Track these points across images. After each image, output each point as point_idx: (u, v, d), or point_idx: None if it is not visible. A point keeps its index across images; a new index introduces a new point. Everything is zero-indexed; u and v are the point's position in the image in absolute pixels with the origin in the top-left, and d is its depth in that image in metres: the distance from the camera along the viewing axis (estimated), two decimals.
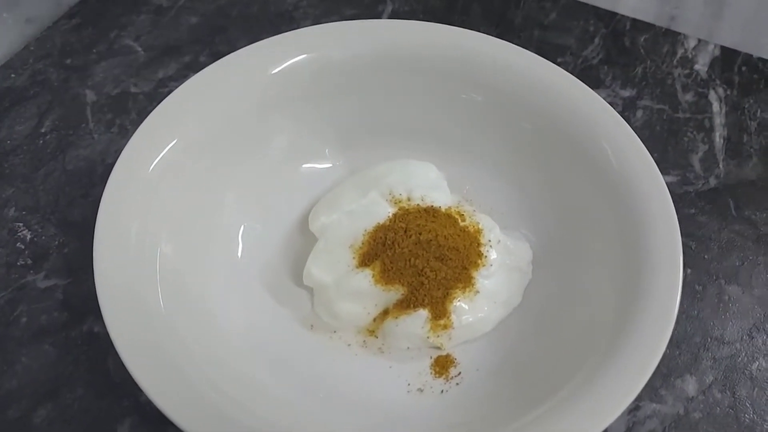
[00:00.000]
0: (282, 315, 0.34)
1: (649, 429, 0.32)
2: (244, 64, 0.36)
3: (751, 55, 0.48)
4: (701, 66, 0.48)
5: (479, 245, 0.34)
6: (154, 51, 0.47)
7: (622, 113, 0.35)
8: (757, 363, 0.35)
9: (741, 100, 0.46)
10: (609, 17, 0.51)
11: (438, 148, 0.39)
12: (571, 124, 0.35)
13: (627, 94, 0.46)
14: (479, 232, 0.35)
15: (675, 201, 0.32)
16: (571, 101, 0.35)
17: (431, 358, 0.33)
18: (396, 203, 0.35)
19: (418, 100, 0.38)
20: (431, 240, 0.33)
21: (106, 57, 0.46)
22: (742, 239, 0.39)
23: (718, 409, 0.33)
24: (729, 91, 0.46)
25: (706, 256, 0.38)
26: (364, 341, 0.34)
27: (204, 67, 0.35)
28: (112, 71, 0.45)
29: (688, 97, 0.46)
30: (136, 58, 0.46)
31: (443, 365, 0.33)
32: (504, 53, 0.37)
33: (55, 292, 0.35)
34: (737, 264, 0.38)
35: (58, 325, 0.34)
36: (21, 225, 0.38)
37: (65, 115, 0.43)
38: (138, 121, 0.33)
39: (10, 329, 0.34)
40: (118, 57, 0.46)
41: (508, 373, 0.32)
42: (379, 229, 0.34)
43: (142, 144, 0.32)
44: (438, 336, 0.33)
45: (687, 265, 0.31)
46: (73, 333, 0.34)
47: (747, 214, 0.40)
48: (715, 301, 0.37)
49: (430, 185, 0.36)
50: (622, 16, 0.51)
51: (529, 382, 0.31)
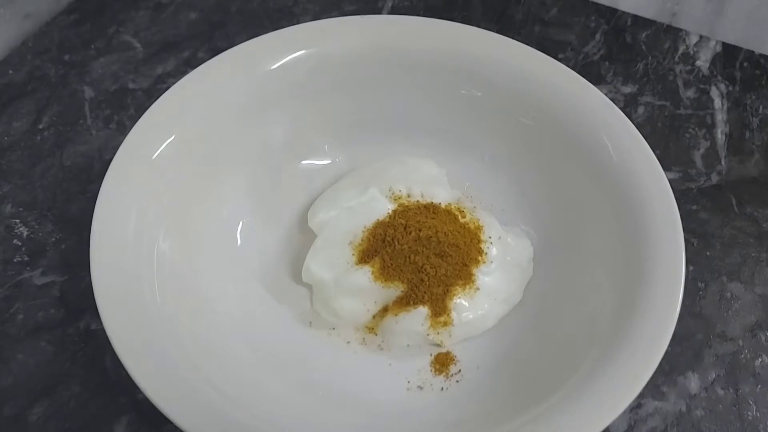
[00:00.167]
0: (281, 312, 0.34)
1: (651, 426, 0.32)
2: (243, 60, 0.35)
3: (752, 52, 0.48)
4: (703, 62, 0.48)
5: (479, 242, 0.34)
6: (153, 47, 0.47)
7: (623, 110, 0.34)
8: (760, 360, 0.34)
9: (743, 97, 0.46)
10: (610, 13, 0.50)
11: (438, 144, 0.39)
12: (572, 119, 0.35)
13: (628, 90, 0.46)
14: (479, 228, 0.35)
15: (677, 198, 0.31)
16: (572, 97, 0.35)
17: (431, 355, 0.33)
18: (396, 200, 0.35)
19: (418, 96, 0.38)
20: (431, 237, 0.33)
21: (105, 53, 0.46)
22: (745, 236, 0.39)
23: (721, 406, 0.33)
24: (731, 88, 0.46)
25: (709, 253, 0.38)
26: (364, 338, 0.33)
27: (203, 63, 0.35)
28: (111, 67, 0.45)
29: (690, 93, 0.46)
30: (134, 54, 0.46)
31: (443, 363, 0.32)
32: (504, 49, 0.37)
33: (51, 288, 0.35)
34: (739, 261, 0.38)
35: (54, 322, 0.34)
36: (18, 221, 0.37)
37: (63, 111, 0.43)
38: (136, 117, 0.33)
39: (6, 326, 0.34)
40: (117, 53, 0.46)
41: (509, 370, 0.32)
42: (379, 225, 0.34)
43: (140, 140, 0.32)
44: (438, 333, 0.32)
45: (689, 262, 0.31)
46: (69, 330, 0.34)
47: (749, 210, 0.40)
48: (718, 298, 0.37)
49: (430, 181, 0.36)
50: (623, 12, 0.50)
51: (530, 379, 0.30)
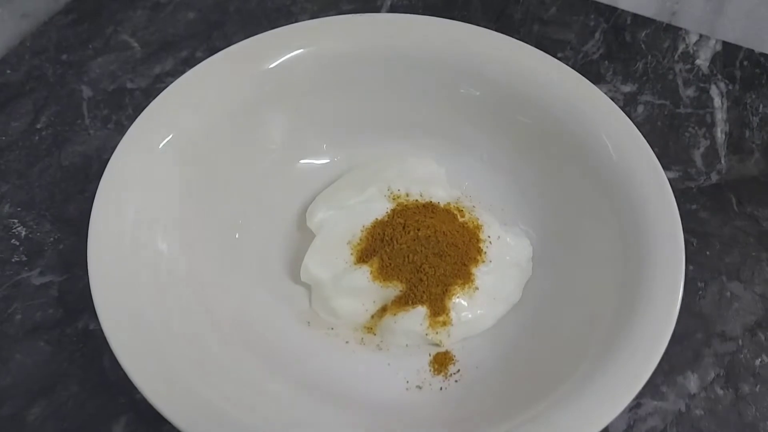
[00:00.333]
0: (279, 311, 0.34)
1: (651, 426, 0.32)
2: (241, 59, 0.35)
3: (752, 51, 0.48)
4: (702, 61, 0.47)
5: (478, 241, 0.34)
6: (151, 46, 0.46)
7: (623, 108, 0.34)
8: (760, 359, 0.34)
9: (743, 96, 0.45)
10: (609, 12, 0.50)
11: (437, 143, 0.38)
12: (571, 118, 0.34)
13: (628, 89, 0.46)
14: (479, 228, 0.34)
15: (676, 197, 0.31)
16: (572, 95, 0.35)
17: (430, 355, 0.33)
18: (394, 199, 0.35)
19: (417, 94, 0.38)
20: (430, 236, 0.33)
21: (103, 53, 0.46)
22: (745, 235, 0.39)
23: (720, 405, 0.33)
24: (731, 87, 0.46)
25: (708, 253, 0.38)
26: (363, 338, 0.33)
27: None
28: (109, 67, 0.45)
29: (690, 92, 0.46)
30: (132, 53, 0.46)
31: (442, 362, 0.32)
32: (503, 47, 0.37)
33: (50, 288, 0.35)
34: (739, 260, 0.38)
35: (52, 322, 0.34)
36: (16, 221, 0.37)
37: (61, 110, 0.43)
38: (134, 117, 0.33)
39: (4, 326, 0.34)
40: (115, 52, 0.46)
41: (508, 370, 0.31)
42: (378, 225, 0.34)
43: (138, 139, 0.32)
44: (437, 333, 0.32)
45: (689, 262, 0.30)
46: (68, 330, 0.34)
47: (749, 210, 0.40)
48: (717, 297, 0.36)
49: (428, 181, 0.36)
50: (623, 11, 0.50)
51: (529, 379, 0.30)
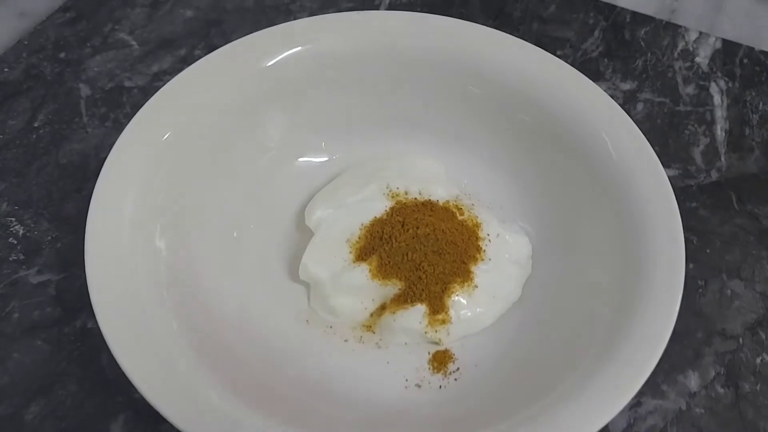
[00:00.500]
0: (278, 310, 0.34)
1: (651, 424, 0.32)
2: (239, 56, 0.35)
3: (752, 48, 0.48)
4: (702, 59, 0.47)
5: (478, 239, 0.34)
6: (149, 45, 0.46)
7: (622, 106, 0.34)
8: (760, 358, 0.34)
9: (742, 93, 0.45)
10: (609, 10, 0.50)
11: (436, 141, 0.38)
12: (571, 115, 0.34)
13: (627, 87, 0.45)
14: (478, 226, 0.34)
15: (676, 195, 0.31)
16: (571, 93, 0.35)
17: (429, 353, 0.33)
18: (393, 197, 0.35)
19: (415, 92, 0.37)
20: (429, 234, 0.33)
21: (101, 51, 0.46)
22: (745, 233, 0.39)
23: (721, 404, 0.33)
24: (730, 84, 0.46)
25: (708, 251, 0.38)
26: (361, 337, 0.33)
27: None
28: (107, 65, 0.45)
29: (689, 90, 0.45)
30: (130, 52, 0.46)
31: (441, 360, 0.32)
32: (502, 44, 0.36)
33: (47, 287, 0.35)
34: (740, 258, 0.38)
35: (50, 321, 0.34)
36: (13, 220, 0.37)
37: (59, 109, 0.43)
38: (132, 115, 0.33)
39: (2, 325, 0.33)
40: (113, 51, 0.46)
41: (507, 368, 0.31)
42: (376, 223, 0.34)
43: (135, 137, 0.32)
44: (436, 331, 0.32)
45: (689, 260, 0.30)
46: (66, 329, 0.34)
47: (749, 207, 0.40)
48: (718, 295, 0.36)
49: (428, 178, 0.36)
50: (622, 8, 0.50)
51: (529, 377, 0.30)
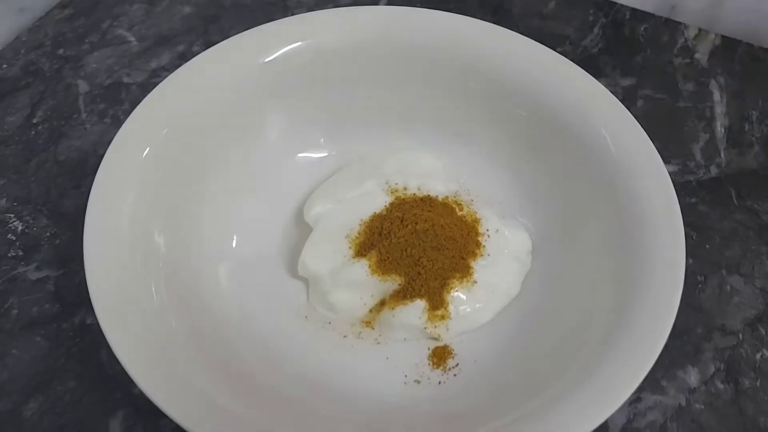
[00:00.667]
0: (276, 306, 0.34)
1: (651, 420, 0.32)
2: (237, 52, 0.35)
3: (752, 44, 0.48)
4: (702, 55, 0.47)
5: (477, 235, 0.34)
6: (147, 41, 0.46)
7: (622, 102, 0.34)
8: (760, 354, 0.34)
9: (742, 89, 0.45)
10: (608, 7, 0.50)
11: (435, 136, 0.38)
12: (571, 111, 0.34)
13: (627, 83, 0.45)
14: (477, 221, 0.34)
15: (676, 190, 0.31)
16: (571, 88, 0.35)
17: (429, 349, 0.33)
18: (392, 192, 0.35)
19: (414, 87, 0.37)
20: (428, 229, 0.33)
21: (99, 47, 0.46)
22: (744, 229, 0.39)
23: (721, 400, 0.33)
24: (730, 80, 0.46)
25: (708, 246, 0.38)
26: (361, 332, 0.33)
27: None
28: (105, 61, 0.45)
29: (689, 86, 0.45)
30: (129, 48, 0.46)
31: (441, 356, 0.32)
32: (502, 40, 0.36)
33: (46, 283, 0.35)
34: (739, 254, 0.38)
35: (49, 317, 0.34)
36: (12, 216, 0.37)
37: (57, 105, 0.42)
38: (131, 111, 0.33)
39: (0, 321, 0.33)
40: (111, 47, 0.46)
41: (507, 363, 0.31)
42: (376, 218, 0.34)
43: (134, 133, 0.32)
44: (435, 327, 0.32)
45: (688, 255, 0.30)
46: (64, 325, 0.33)
47: (749, 203, 0.40)
48: (717, 291, 0.36)
49: (427, 174, 0.36)
50: (622, 5, 0.50)
51: (528, 373, 0.30)
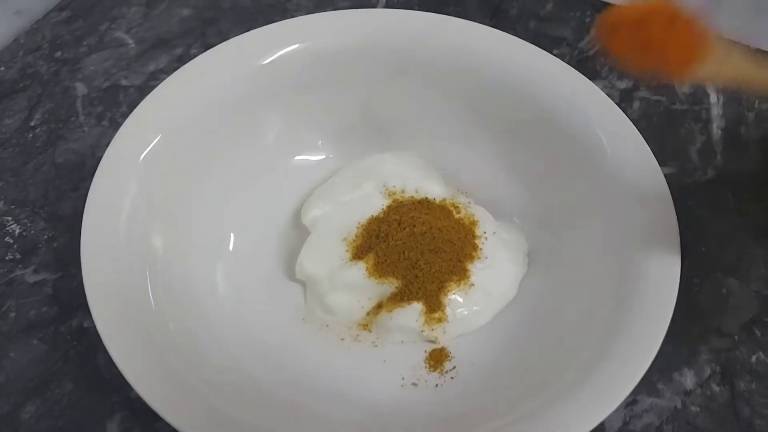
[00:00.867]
0: (274, 309, 0.34)
1: (646, 423, 0.32)
2: (235, 55, 0.35)
3: (748, 47, 0.48)
4: None
5: (474, 237, 0.34)
6: (146, 44, 0.46)
7: (618, 105, 0.34)
8: (756, 356, 0.34)
9: (738, 92, 0.45)
10: (605, 9, 0.50)
11: (432, 138, 0.38)
12: (568, 114, 0.34)
13: (624, 85, 0.45)
14: (474, 224, 0.34)
15: (672, 193, 0.31)
16: (567, 90, 0.35)
17: (426, 351, 0.33)
18: (390, 195, 0.35)
19: (412, 90, 0.37)
20: (425, 232, 0.33)
21: (97, 50, 0.46)
22: (740, 231, 0.39)
23: (716, 402, 0.33)
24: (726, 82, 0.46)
25: (704, 249, 0.38)
26: (358, 335, 0.33)
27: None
28: (103, 64, 0.45)
29: (685, 88, 0.45)
30: (127, 50, 0.46)
31: (438, 359, 0.32)
32: (499, 43, 0.36)
33: (44, 286, 0.35)
34: (735, 256, 0.38)
35: (47, 320, 0.34)
36: (10, 219, 0.37)
37: (55, 108, 0.42)
38: (128, 114, 0.33)
39: None
40: (109, 50, 0.46)
41: (504, 366, 0.31)
42: (373, 221, 0.34)
43: (131, 135, 0.32)
44: (432, 329, 0.32)
45: (684, 258, 0.30)
46: (62, 328, 0.33)
47: (745, 205, 0.40)
48: (713, 293, 0.36)
49: (424, 177, 0.36)
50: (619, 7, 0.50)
51: (525, 375, 0.30)
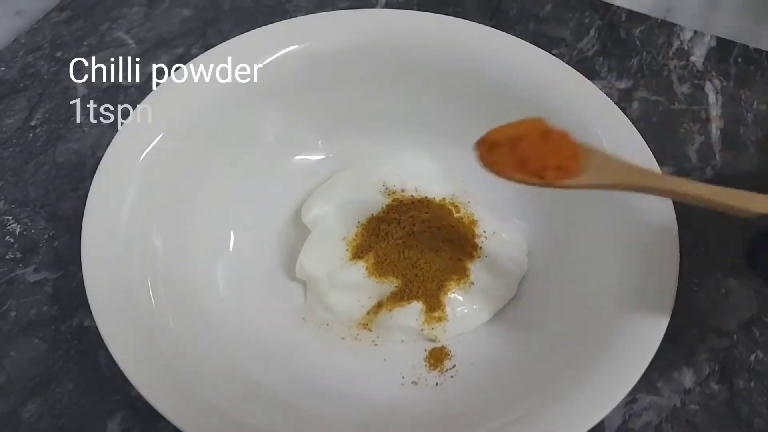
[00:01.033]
0: (274, 308, 0.34)
1: (646, 421, 0.32)
2: (235, 55, 0.35)
3: (747, 46, 0.48)
4: (697, 57, 0.47)
5: (474, 237, 0.34)
6: (146, 44, 0.46)
7: (617, 105, 0.34)
8: (755, 355, 0.34)
9: (737, 92, 0.45)
10: (604, 9, 0.50)
11: (432, 138, 0.38)
12: (567, 113, 0.34)
13: (623, 85, 0.46)
14: (474, 223, 0.34)
15: None
16: (567, 90, 0.35)
17: (426, 350, 0.33)
18: (390, 194, 0.35)
19: (411, 89, 0.38)
20: (425, 231, 0.33)
21: (98, 50, 0.46)
22: (739, 231, 0.39)
23: (715, 401, 0.33)
24: (725, 83, 0.46)
25: (703, 248, 0.38)
26: (358, 334, 0.33)
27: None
28: (103, 64, 0.45)
29: (684, 88, 0.46)
30: (127, 51, 0.46)
31: (438, 358, 0.32)
32: (499, 43, 0.36)
33: (44, 285, 0.35)
34: (734, 256, 0.38)
35: (47, 319, 0.34)
36: (10, 218, 0.37)
37: (55, 108, 0.43)
38: (129, 114, 0.33)
39: None
40: (110, 50, 0.46)
41: (503, 365, 0.32)
42: (373, 220, 0.34)
43: (131, 135, 0.32)
44: (432, 328, 0.32)
45: (684, 257, 0.30)
46: (62, 327, 0.34)
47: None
48: (712, 293, 0.36)
49: (424, 176, 0.36)
50: (618, 7, 0.50)
51: (524, 374, 0.30)
